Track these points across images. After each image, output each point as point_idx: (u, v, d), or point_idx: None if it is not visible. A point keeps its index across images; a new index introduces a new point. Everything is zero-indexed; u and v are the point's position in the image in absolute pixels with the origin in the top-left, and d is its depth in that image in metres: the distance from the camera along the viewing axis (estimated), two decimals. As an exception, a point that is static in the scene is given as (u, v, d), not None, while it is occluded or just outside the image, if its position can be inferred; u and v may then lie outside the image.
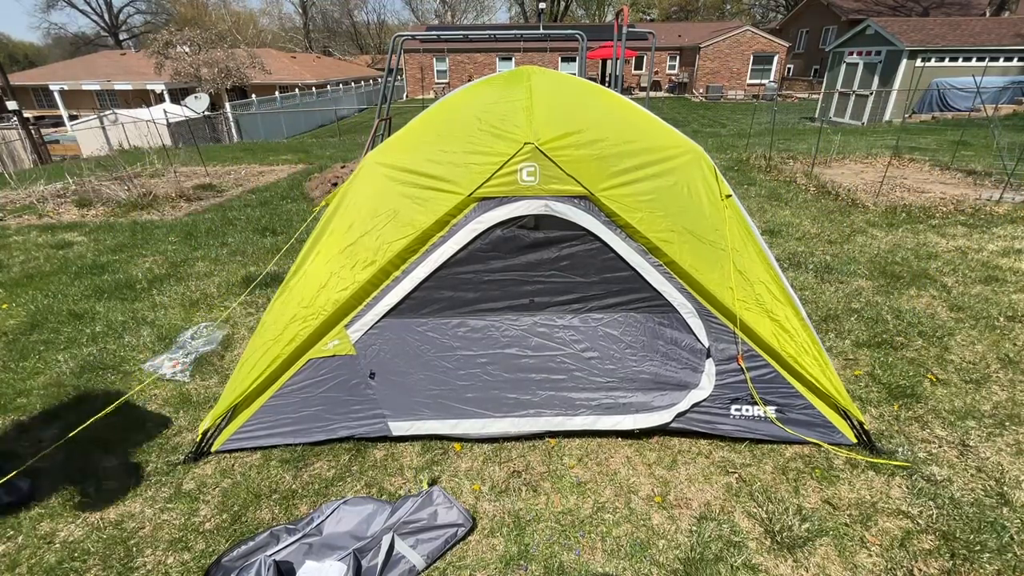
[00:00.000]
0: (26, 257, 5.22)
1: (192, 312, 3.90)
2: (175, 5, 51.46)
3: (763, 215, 6.06)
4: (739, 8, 50.51)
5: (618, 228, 2.20)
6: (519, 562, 1.94)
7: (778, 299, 2.27)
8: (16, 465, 2.27)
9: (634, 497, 2.21)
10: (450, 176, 2.14)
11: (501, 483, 2.29)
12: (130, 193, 7.20)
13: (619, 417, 2.41)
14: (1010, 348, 3.23)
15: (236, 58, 23.00)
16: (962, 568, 1.87)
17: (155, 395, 2.93)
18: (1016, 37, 16.32)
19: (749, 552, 1.95)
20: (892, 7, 28.71)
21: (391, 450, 2.47)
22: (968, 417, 2.64)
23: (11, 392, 2.95)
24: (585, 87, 2.41)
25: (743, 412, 2.40)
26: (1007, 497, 2.16)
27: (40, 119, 22.73)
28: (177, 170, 9.10)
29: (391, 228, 2.18)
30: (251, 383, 2.31)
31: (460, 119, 2.25)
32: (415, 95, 32.53)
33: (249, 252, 5.19)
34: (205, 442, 2.42)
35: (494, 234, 2.23)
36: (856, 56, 17.63)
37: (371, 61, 49.27)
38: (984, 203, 6.20)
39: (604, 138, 2.14)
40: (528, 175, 2.12)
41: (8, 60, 47.79)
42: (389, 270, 2.25)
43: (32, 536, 2.06)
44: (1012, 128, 11.53)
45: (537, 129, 2.10)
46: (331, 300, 2.24)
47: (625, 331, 2.38)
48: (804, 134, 13.29)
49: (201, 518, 2.14)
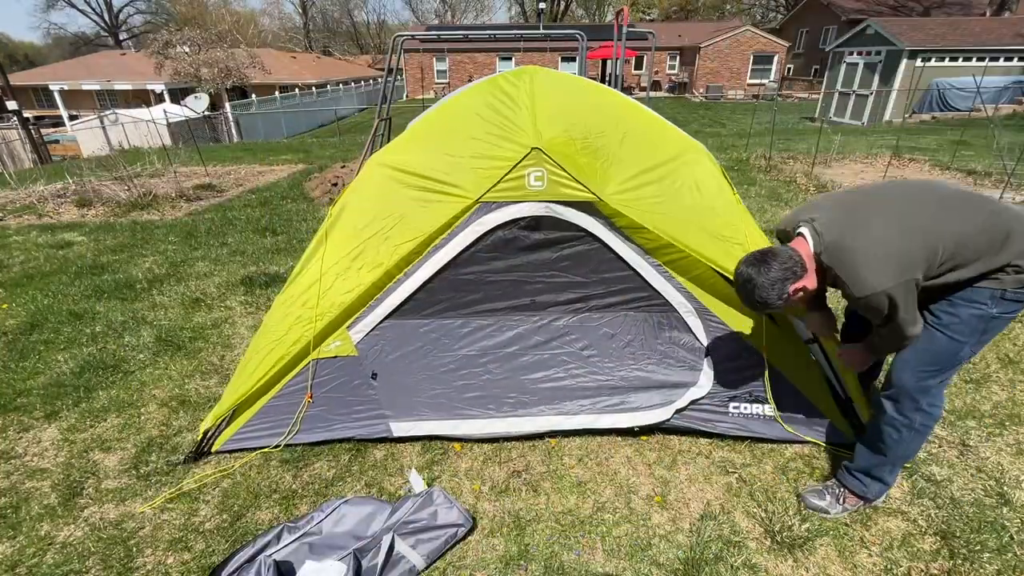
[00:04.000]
0: (26, 257, 5.22)
1: (192, 312, 3.90)
2: (175, 5, 51.46)
3: (763, 215, 6.06)
4: (739, 8, 50.51)
5: (618, 229, 2.20)
6: (519, 562, 1.94)
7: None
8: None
9: (634, 497, 2.21)
10: (457, 180, 2.14)
11: (501, 483, 2.29)
12: (130, 193, 7.20)
13: (618, 416, 2.41)
14: (1010, 348, 3.24)
15: (236, 58, 22.97)
16: (962, 568, 1.87)
17: (155, 395, 2.93)
18: (1016, 37, 16.31)
19: (749, 552, 1.95)
20: (892, 7, 28.70)
21: (391, 450, 2.47)
22: (968, 417, 2.64)
23: (11, 392, 2.95)
24: (588, 87, 2.41)
25: (741, 410, 2.40)
26: (1007, 497, 2.16)
27: (40, 119, 22.72)
28: (177, 170, 9.10)
29: (398, 231, 2.18)
30: (253, 383, 2.31)
31: (464, 121, 2.24)
32: (415, 95, 32.52)
33: (249, 252, 5.19)
34: (206, 442, 2.42)
35: (495, 235, 2.23)
36: (856, 56, 17.63)
37: (371, 61, 49.24)
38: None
39: (609, 141, 2.14)
40: (536, 180, 2.12)
41: (8, 60, 47.75)
42: (393, 272, 2.25)
43: (32, 536, 2.06)
44: (1012, 128, 11.53)
45: (542, 132, 2.09)
46: (336, 302, 2.24)
47: (625, 330, 2.38)
48: (804, 134, 13.30)
49: (201, 518, 2.14)
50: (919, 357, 1.82)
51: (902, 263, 1.62)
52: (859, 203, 1.77)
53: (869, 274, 1.62)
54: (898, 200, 1.74)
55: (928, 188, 1.80)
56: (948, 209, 1.69)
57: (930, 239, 1.64)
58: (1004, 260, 1.65)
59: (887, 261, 1.62)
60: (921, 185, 1.84)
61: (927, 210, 1.69)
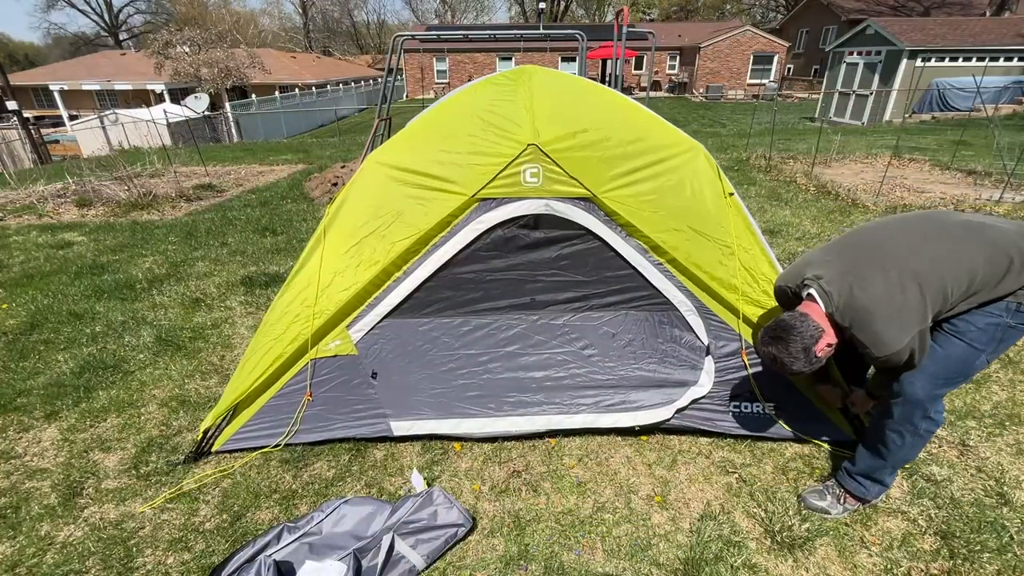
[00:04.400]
0: (26, 257, 5.22)
1: (192, 312, 3.90)
2: (175, 5, 51.47)
3: (763, 215, 6.06)
4: (739, 8, 50.51)
5: (618, 227, 2.20)
6: (519, 562, 1.94)
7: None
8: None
9: (634, 497, 2.21)
10: (453, 177, 2.14)
11: (501, 483, 2.29)
12: (130, 193, 7.20)
13: (619, 415, 2.41)
14: (1010, 348, 3.23)
15: (236, 58, 22.98)
16: (962, 568, 1.87)
17: (155, 395, 2.93)
18: (1017, 37, 16.31)
19: (749, 552, 1.95)
20: (893, 7, 28.70)
21: (391, 450, 2.47)
22: (968, 417, 2.64)
23: (11, 392, 2.95)
24: (586, 86, 2.41)
25: (742, 409, 2.40)
26: (1007, 497, 2.16)
27: (40, 119, 22.71)
28: (177, 170, 9.11)
29: (395, 228, 2.18)
30: (252, 383, 2.31)
31: (462, 119, 2.24)
32: (415, 95, 32.52)
33: (249, 252, 5.19)
34: (206, 442, 2.42)
35: (495, 234, 2.23)
36: (856, 56, 17.62)
37: (371, 61, 49.25)
38: (984, 203, 6.20)
39: (606, 138, 2.14)
40: (531, 176, 2.12)
41: (8, 60, 47.79)
42: (391, 270, 2.25)
43: (32, 536, 2.06)
44: (1012, 128, 11.53)
45: (539, 129, 2.10)
46: (334, 300, 2.24)
47: (625, 329, 2.38)
48: (804, 134, 13.29)
49: (201, 518, 2.13)
50: (935, 365, 1.78)
51: (915, 315, 1.63)
52: (860, 257, 1.75)
53: (886, 334, 1.64)
54: (899, 245, 1.73)
55: (930, 222, 1.78)
56: (956, 242, 1.69)
57: (938, 281, 1.64)
58: (1015, 285, 1.66)
59: (900, 316, 1.63)
60: (921, 221, 1.81)
61: (932, 249, 1.69)
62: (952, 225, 1.75)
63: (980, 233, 1.71)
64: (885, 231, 1.82)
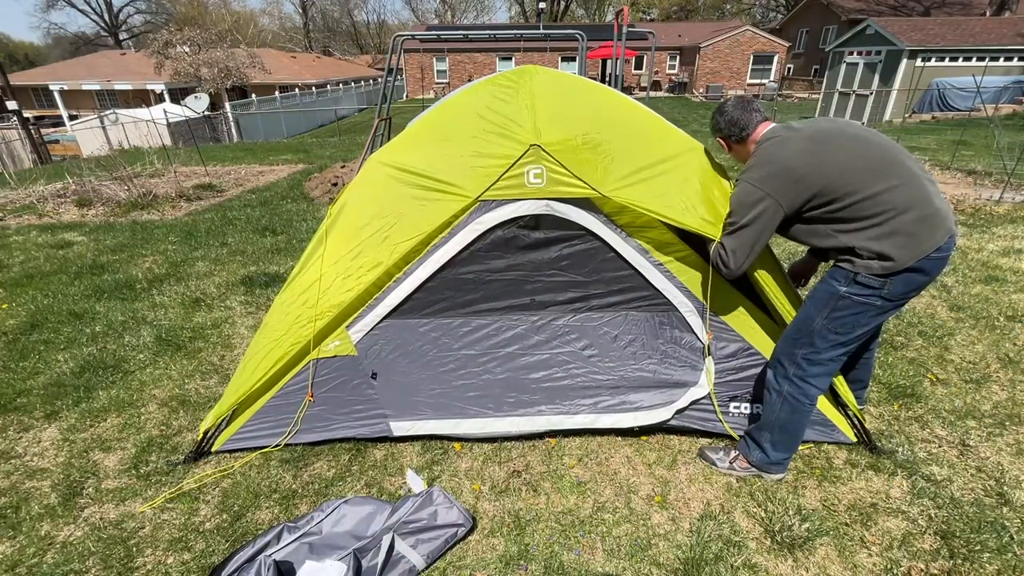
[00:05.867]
0: (26, 257, 5.22)
1: (192, 312, 3.90)
2: (175, 5, 51.47)
3: (763, 215, 6.05)
4: (739, 8, 50.50)
5: (618, 227, 2.20)
6: (519, 562, 1.94)
7: (781, 295, 2.26)
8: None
9: (634, 497, 2.21)
10: (456, 179, 2.13)
11: (501, 483, 2.29)
12: (130, 193, 7.20)
13: (619, 415, 2.41)
14: (1010, 348, 3.23)
15: (236, 58, 22.98)
16: (962, 568, 1.87)
17: (155, 395, 2.93)
18: (1017, 37, 16.32)
19: (749, 552, 1.95)
20: (893, 7, 28.69)
21: (391, 450, 2.47)
22: (968, 417, 2.64)
23: (11, 392, 2.95)
24: (588, 86, 2.40)
25: (742, 410, 2.40)
26: (1007, 497, 2.16)
27: (40, 119, 22.71)
28: (177, 170, 9.11)
29: (398, 230, 2.18)
30: (253, 383, 2.31)
31: (464, 120, 2.24)
32: (415, 95, 32.52)
33: (249, 252, 5.19)
34: (206, 442, 2.42)
35: (495, 234, 2.23)
36: (856, 56, 17.63)
37: (371, 61, 49.22)
38: (984, 203, 6.20)
39: (609, 138, 2.13)
40: (535, 177, 2.12)
41: (8, 60, 47.77)
42: (393, 271, 2.25)
43: (32, 536, 2.06)
44: (1012, 128, 11.53)
45: (541, 130, 2.09)
46: (336, 301, 2.23)
47: (625, 330, 2.38)
48: (804, 134, 13.25)
49: (201, 518, 2.14)
50: (792, 324, 2.05)
51: (783, 178, 1.84)
52: (804, 130, 1.95)
53: (757, 168, 1.90)
54: (821, 133, 1.91)
55: (844, 126, 1.95)
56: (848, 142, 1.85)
57: (820, 168, 1.81)
58: (858, 240, 1.79)
59: (774, 168, 1.87)
60: (842, 124, 1.98)
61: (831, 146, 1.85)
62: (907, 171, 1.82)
63: (912, 174, 1.81)
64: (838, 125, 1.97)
